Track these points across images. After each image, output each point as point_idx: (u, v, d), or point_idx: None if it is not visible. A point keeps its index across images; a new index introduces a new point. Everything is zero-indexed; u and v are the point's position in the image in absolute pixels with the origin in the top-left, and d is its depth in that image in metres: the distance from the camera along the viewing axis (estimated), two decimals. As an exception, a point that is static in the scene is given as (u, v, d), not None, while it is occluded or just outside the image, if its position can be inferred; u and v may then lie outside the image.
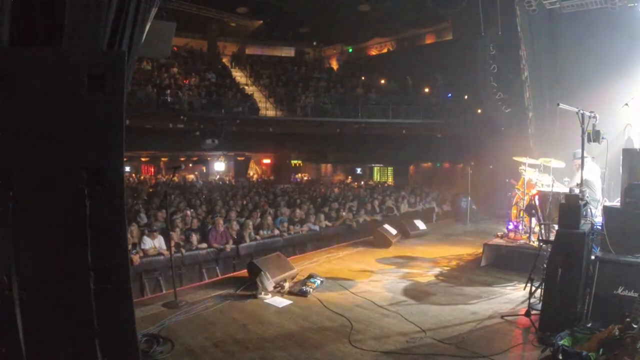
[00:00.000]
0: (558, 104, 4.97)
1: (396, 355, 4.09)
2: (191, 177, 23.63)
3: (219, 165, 24.27)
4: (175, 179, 18.96)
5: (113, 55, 3.36)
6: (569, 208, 4.62)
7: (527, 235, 7.19)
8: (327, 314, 5.14)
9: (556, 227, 5.05)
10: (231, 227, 8.83)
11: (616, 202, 5.72)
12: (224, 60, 25.14)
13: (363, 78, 25.51)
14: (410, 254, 8.27)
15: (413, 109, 20.85)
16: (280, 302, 5.55)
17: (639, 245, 4.49)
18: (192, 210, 10.29)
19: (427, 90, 22.80)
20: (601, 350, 3.36)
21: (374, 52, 28.27)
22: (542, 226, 6.45)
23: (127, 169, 22.45)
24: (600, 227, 5.08)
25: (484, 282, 6.33)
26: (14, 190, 2.94)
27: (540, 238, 6.19)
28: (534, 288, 4.97)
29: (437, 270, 7.09)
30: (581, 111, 4.82)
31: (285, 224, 9.96)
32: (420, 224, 10.53)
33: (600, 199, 6.43)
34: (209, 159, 24.47)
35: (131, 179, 20.74)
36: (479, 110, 17.25)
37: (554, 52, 10.24)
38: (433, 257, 7.96)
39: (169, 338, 4.34)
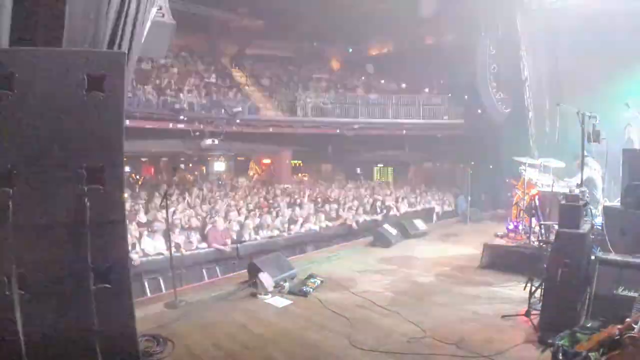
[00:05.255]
0: (558, 104, 4.97)
1: (396, 355, 4.08)
2: (189, 176, 23.60)
3: (219, 165, 24.23)
4: (175, 179, 18.96)
5: (113, 55, 3.36)
6: (569, 208, 4.62)
7: (527, 235, 7.19)
8: (327, 314, 5.14)
9: (556, 227, 5.05)
10: (231, 227, 8.83)
11: (616, 202, 5.72)
12: (224, 60, 25.13)
13: (363, 78, 25.48)
14: (410, 254, 8.27)
15: (413, 109, 20.86)
16: (280, 302, 5.55)
17: (639, 245, 4.49)
18: (192, 210, 10.29)
19: (427, 90, 22.80)
20: (601, 350, 3.35)
21: (374, 52, 28.25)
22: (542, 226, 6.45)
23: (127, 169, 22.41)
24: (600, 227, 5.08)
25: (484, 282, 6.32)
26: (14, 190, 2.94)
27: (540, 238, 6.19)
28: (534, 288, 4.97)
29: (437, 270, 7.08)
30: (581, 111, 4.82)
31: (286, 224, 9.95)
32: (420, 224, 10.52)
33: (601, 199, 6.43)
34: (209, 159, 24.44)
35: (131, 179, 20.72)
36: (479, 110, 17.25)
37: (554, 52, 10.24)
38: (433, 257, 7.95)
39: (169, 338, 4.34)
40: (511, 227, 7.78)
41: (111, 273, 3.17)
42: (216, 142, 18.44)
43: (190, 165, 25.64)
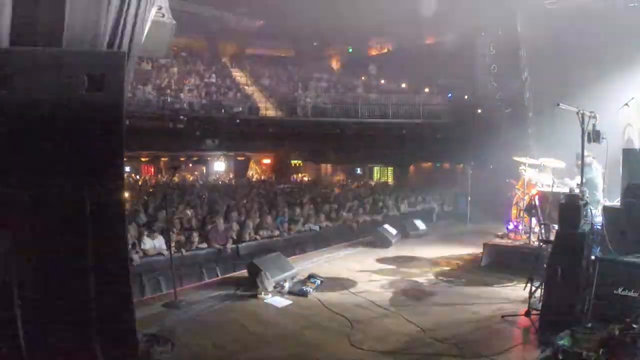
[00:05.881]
0: (558, 104, 4.97)
1: (396, 355, 4.09)
2: (189, 176, 23.61)
3: (219, 165, 24.24)
4: (175, 179, 18.95)
5: (113, 56, 3.36)
6: (569, 208, 4.62)
7: (527, 235, 7.18)
8: (327, 314, 5.14)
9: (556, 227, 5.05)
10: (231, 227, 8.82)
11: (616, 202, 5.72)
12: (224, 60, 25.15)
13: (363, 78, 25.50)
14: (410, 254, 8.27)
15: (413, 109, 20.87)
16: (280, 302, 5.55)
17: (639, 245, 4.49)
18: (192, 210, 10.28)
19: (427, 90, 22.81)
20: (601, 350, 3.35)
21: (374, 52, 28.26)
22: (542, 226, 6.45)
23: (127, 169, 22.40)
24: (600, 227, 5.08)
25: (484, 282, 6.32)
26: (14, 190, 2.94)
27: (540, 238, 6.18)
28: (534, 288, 4.96)
29: (437, 270, 7.09)
30: (581, 111, 4.82)
31: (286, 224, 9.95)
32: (420, 224, 10.51)
33: (601, 199, 6.43)
34: (209, 159, 24.43)
35: (131, 179, 20.71)
36: (479, 110, 17.24)
37: (554, 52, 10.24)
38: (433, 257, 7.95)
39: (169, 338, 4.34)
40: (511, 227, 7.78)
41: (111, 273, 3.17)
42: (216, 142, 18.45)
43: (191, 165, 25.64)
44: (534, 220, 7.03)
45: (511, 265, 6.67)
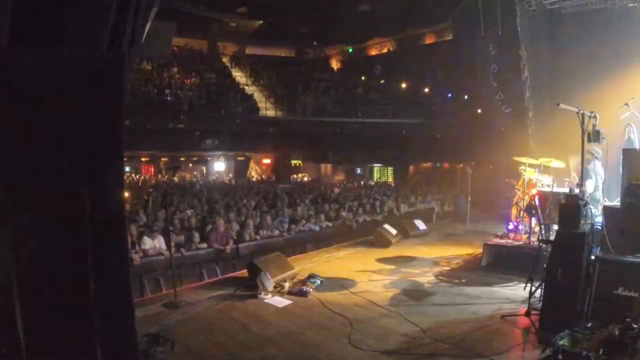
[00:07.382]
0: (558, 104, 4.97)
1: (396, 355, 4.09)
2: (188, 175, 23.60)
3: (219, 165, 24.27)
4: (176, 179, 18.97)
5: (113, 56, 3.36)
6: (569, 208, 4.62)
7: (527, 235, 7.18)
8: (327, 314, 5.14)
9: (556, 227, 5.05)
10: (231, 227, 8.83)
11: (616, 202, 5.72)
12: (224, 60, 25.15)
13: (363, 78, 25.51)
14: (410, 254, 8.26)
15: (413, 109, 20.88)
16: (280, 302, 5.55)
17: (639, 245, 4.48)
18: (192, 210, 10.29)
19: (427, 90, 22.81)
20: (601, 350, 3.35)
21: (374, 52, 28.26)
22: (542, 226, 6.44)
23: (127, 169, 22.40)
24: (600, 227, 5.08)
25: (484, 282, 6.32)
26: (14, 190, 2.94)
27: (540, 238, 6.18)
28: (534, 288, 4.96)
29: (437, 270, 7.09)
30: (581, 111, 4.82)
31: (286, 224, 9.95)
32: (420, 224, 10.51)
33: (601, 199, 6.43)
34: (209, 159, 24.46)
35: (131, 179, 20.71)
36: (479, 110, 17.23)
37: (554, 52, 10.24)
38: (433, 257, 7.95)
39: (169, 338, 4.34)
40: (511, 227, 7.77)
41: (111, 273, 3.17)
42: (216, 142, 18.47)
43: (191, 165, 25.66)
44: (534, 220, 7.03)
45: (511, 265, 6.66)
